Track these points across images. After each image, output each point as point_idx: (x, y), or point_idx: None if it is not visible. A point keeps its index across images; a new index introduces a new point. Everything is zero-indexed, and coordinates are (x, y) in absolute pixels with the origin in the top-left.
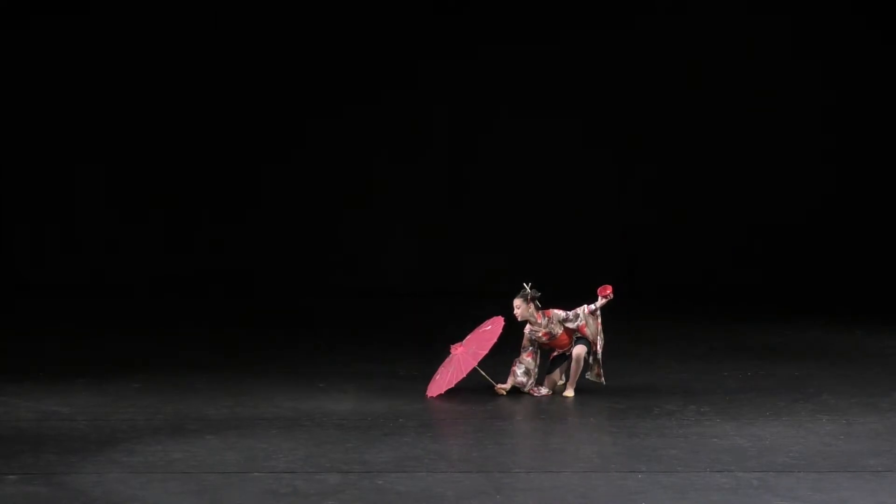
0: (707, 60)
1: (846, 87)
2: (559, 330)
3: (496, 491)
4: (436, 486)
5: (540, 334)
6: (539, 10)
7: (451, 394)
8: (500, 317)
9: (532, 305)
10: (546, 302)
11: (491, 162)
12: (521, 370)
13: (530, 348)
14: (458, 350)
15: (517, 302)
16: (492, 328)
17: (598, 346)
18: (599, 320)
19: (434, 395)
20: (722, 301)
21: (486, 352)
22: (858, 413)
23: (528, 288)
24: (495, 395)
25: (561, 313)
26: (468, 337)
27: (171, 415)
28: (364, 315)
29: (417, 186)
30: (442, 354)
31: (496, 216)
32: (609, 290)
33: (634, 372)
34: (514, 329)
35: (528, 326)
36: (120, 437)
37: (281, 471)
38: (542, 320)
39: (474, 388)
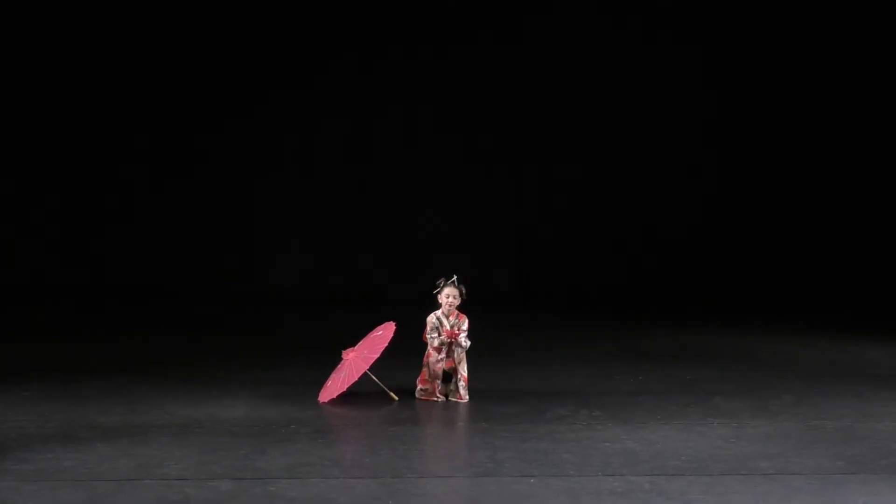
0: (597, 73)
1: (730, 100)
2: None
3: (389, 496)
4: (329, 492)
5: (444, 331)
6: (436, 22)
7: (343, 399)
8: (391, 322)
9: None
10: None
11: (386, 171)
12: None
13: (437, 342)
14: (349, 355)
15: (454, 291)
16: (383, 333)
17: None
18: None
19: (326, 401)
20: (613, 306)
21: (377, 356)
22: (749, 416)
23: (457, 281)
24: (387, 400)
25: (466, 325)
26: (360, 343)
27: (62, 422)
28: (256, 322)
29: (311, 195)
30: (334, 360)
31: (390, 225)
32: (455, 335)
33: (526, 376)
34: (405, 333)
35: (436, 315)
36: (10, 445)
37: (173, 478)
38: (452, 319)
39: (367, 393)
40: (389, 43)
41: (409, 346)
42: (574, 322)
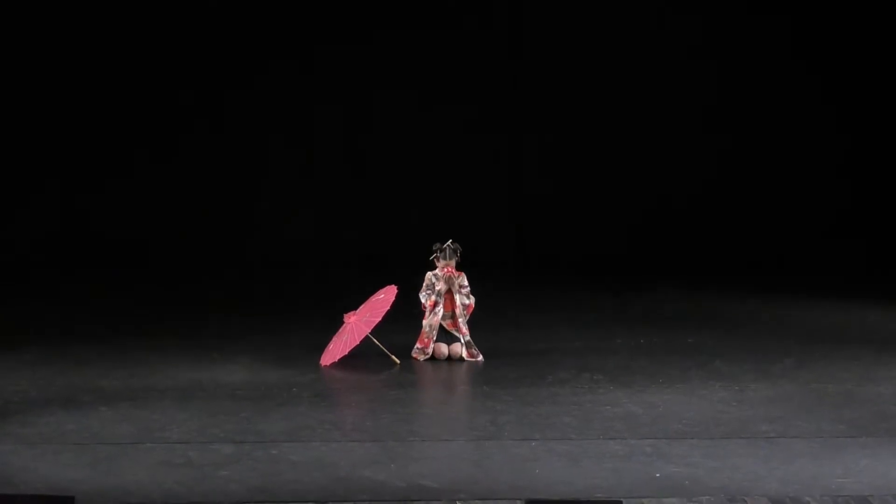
0: (602, 44)
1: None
2: (455, 291)
3: (390, 460)
4: (330, 456)
5: (442, 283)
6: None
7: (344, 363)
8: (392, 285)
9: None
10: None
11: (386, 137)
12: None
13: (433, 296)
14: (351, 319)
15: (450, 263)
16: (385, 296)
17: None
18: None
19: (327, 365)
20: (614, 271)
21: (379, 319)
22: (751, 380)
23: (452, 244)
24: (389, 364)
25: (466, 282)
26: (361, 306)
27: (63, 386)
28: (257, 285)
29: (311, 161)
30: (335, 324)
31: (390, 190)
32: (452, 272)
33: (527, 340)
34: (407, 297)
35: (434, 273)
36: (13, 409)
37: (175, 441)
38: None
39: (368, 357)
40: (389, 20)
41: (410, 310)
42: (574, 286)
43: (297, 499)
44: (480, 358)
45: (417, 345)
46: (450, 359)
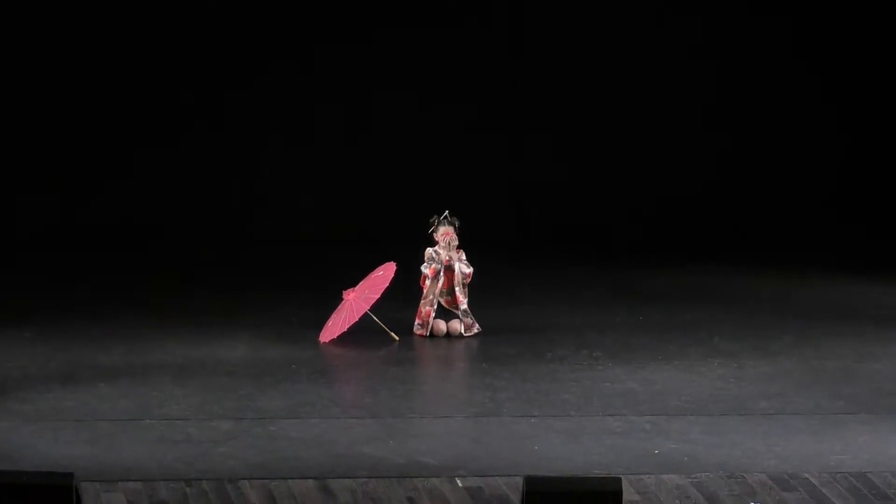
0: (608, 33)
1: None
2: (454, 266)
3: (389, 436)
4: (329, 432)
5: (443, 257)
6: None
7: (343, 340)
8: (391, 262)
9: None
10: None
11: (387, 140)
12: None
13: (434, 264)
14: (350, 295)
15: (448, 229)
16: (384, 273)
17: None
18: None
19: (326, 341)
20: (614, 249)
21: (378, 296)
22: (749, 357)
23: (449, 216)
24: (388, 341)
25: (464, 256)
26: (360, 283)
27: (62, 363)
28: (257, 264)
29: (313, 140)
30: (334, 301)
31: (392, 168)
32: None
33: (526, 317)
34: (406, 274)
35: (434, 249)
36: (11, 386)
37: (174, 418)
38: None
39: (367, 333)
40: (389, 16)
41: (409, 287)
42: (573, 262)
43: (296, 475)
44: (477, 327)
45: (417, 320)
46: (448, 336)
